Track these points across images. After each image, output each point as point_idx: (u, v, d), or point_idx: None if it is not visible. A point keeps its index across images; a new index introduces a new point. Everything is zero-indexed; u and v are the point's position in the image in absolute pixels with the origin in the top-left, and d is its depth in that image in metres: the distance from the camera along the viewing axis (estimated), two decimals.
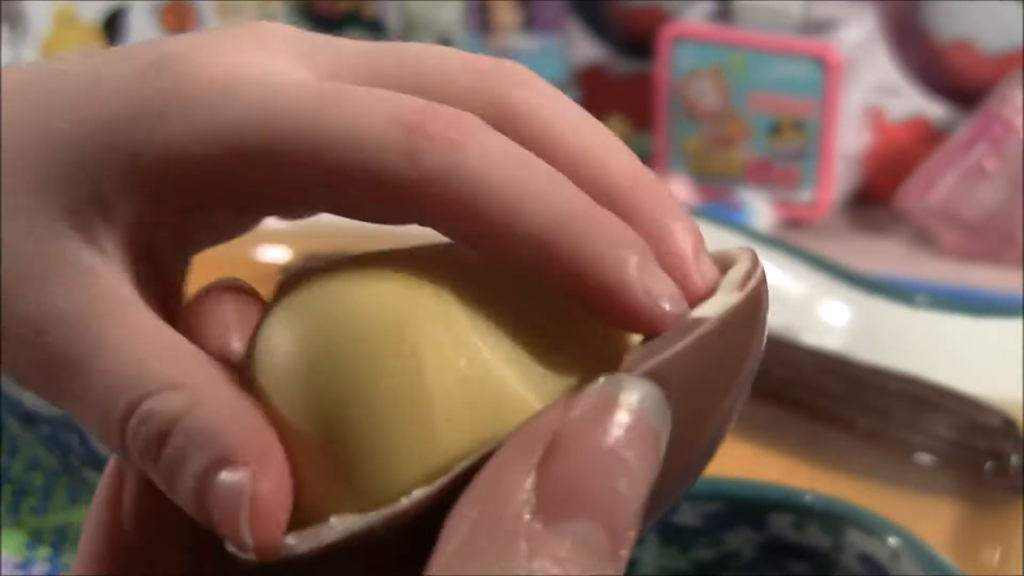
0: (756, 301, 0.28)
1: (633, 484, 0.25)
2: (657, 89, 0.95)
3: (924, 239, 0.92)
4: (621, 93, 1.04)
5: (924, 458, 0.61)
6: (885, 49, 0.97)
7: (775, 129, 0.93)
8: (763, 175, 0.94)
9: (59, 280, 0.29)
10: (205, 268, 0.35)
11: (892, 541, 0.49)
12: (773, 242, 0.72)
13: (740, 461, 0.61)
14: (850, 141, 0.95)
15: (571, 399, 0.26)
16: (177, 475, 0.28)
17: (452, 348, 0.27)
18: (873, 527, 0.50)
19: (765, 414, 0.63)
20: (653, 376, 0.26)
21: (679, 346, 0.26)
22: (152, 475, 0.28)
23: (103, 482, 0.31)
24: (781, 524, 0.51)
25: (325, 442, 0.27)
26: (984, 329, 0.66)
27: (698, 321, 0.27)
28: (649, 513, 0.26)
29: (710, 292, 0.28)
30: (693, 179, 0.95)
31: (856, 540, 0.50)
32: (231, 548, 0.27)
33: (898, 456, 0.61)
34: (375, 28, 1.03)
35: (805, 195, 0.93)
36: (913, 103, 0.97)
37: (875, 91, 0.97)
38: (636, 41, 1.03)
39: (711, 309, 0.27)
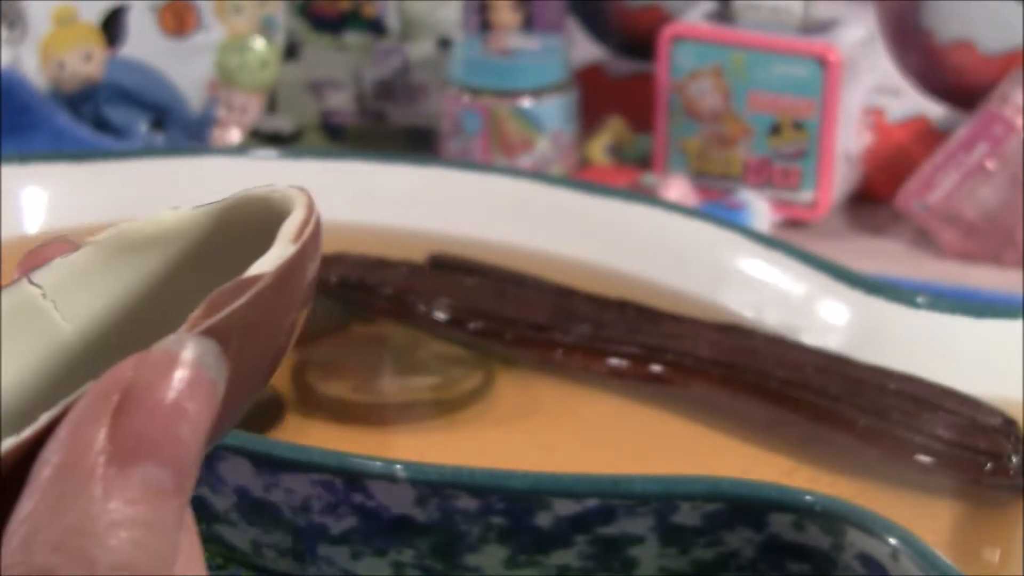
0: (309, 250, 0.31)
1: (194, 431, 0.28)
2: (657, 89, 0.95)
3: (924, 239, 0.92)
4: (621, 93, 1.04)
5: (924, 458, 0.61)
6: (885, 49, 0.97)
7: (775, 129, 0.93)
8: (763, 175, 0.94)
9: None
10: None
11: (892, 541, 0.49)
12: (773, 242, 0.72)
13: (740, 461, 0.61)
14: (850, 141, 0.95)
15: (142, 355, 0.29)
16: None
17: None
18: (873, 527, 0.50)
19: (765, 414, 0.63)
20: (212, 332, 0.29)
21: (236, 304, 0.30)
22: None
23: None
24: (781, 524, 0.51)
25: None
26: (984, 329, 0.66)
27: (255, 278, 0.30)
28: (211, 440, 0.29)
29: None
30: (693, 179, 0.95)
31: (856, 540, 0.50)
32: None
33: (898, 456, 0.61)
34: (375, 28, 1.03)
35: (805, 195, 0.93)
36: (913, 103, 0.97)
37: (875, 91, 0.97)
38: (636, 41, 1.03)
39: (268, 264, 0.30)
